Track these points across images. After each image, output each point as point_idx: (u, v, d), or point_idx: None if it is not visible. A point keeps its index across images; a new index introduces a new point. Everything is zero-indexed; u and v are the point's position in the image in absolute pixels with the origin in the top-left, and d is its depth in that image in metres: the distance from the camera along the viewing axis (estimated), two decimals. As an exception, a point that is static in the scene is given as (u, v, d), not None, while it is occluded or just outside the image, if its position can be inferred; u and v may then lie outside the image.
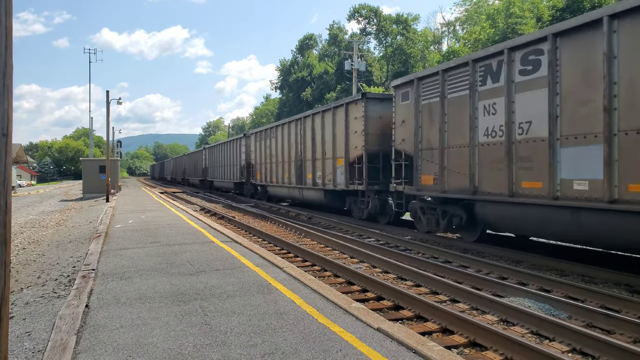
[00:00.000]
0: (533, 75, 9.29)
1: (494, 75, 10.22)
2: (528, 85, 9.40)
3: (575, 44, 8.48)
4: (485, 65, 10.46)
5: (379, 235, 13.38)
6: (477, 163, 10.68)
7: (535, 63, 9.24)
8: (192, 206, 25.00)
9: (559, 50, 8.73)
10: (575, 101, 8.47)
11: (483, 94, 10.53)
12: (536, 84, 9.21)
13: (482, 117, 10.54)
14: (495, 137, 10.20)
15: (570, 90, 8.56)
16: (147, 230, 13.06)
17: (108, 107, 30.66)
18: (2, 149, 3.05)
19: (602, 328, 5.84)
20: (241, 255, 9.15)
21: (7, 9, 3.07)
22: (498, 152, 10.07)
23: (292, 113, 59.32)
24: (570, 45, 8.56)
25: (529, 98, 9.39)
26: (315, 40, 79.77)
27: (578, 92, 8.41)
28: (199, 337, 4.68)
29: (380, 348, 4.38)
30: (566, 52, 8.62)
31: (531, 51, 9.34)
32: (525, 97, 9.47)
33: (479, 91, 10.63)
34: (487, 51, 10.56)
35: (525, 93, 9.46)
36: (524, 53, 9.49)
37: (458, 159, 11.28)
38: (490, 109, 10.35)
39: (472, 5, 56.62)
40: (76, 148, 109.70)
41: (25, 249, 12.04)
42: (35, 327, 5.24)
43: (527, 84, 9.43)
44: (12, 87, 3.11)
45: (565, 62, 8.63)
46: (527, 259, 9.73)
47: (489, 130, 10.36)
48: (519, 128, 9.62)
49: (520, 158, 9.54)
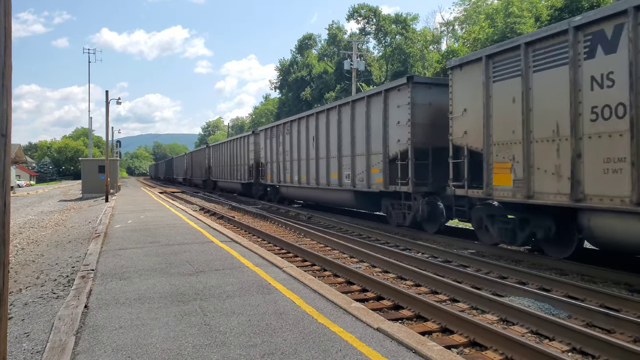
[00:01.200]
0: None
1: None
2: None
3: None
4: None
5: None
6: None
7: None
8: (192, 206, 24.99)
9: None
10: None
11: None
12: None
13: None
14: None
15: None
16: (146, 230, 13.05)
17: (107, 107, 30.65)
18: (1, 149, 3.03)
19: (602, 327, 5.83)
20: (241, 255, 9.14)
21: (6, 9, 3.06)
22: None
23: (292, 113, 59.28)
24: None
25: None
26: (314, 40, 79.71)
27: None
28: (199, 338, 4.67)
29: (380, 348, 4.37)
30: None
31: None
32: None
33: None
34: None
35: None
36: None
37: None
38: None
39: (471, 4, 56.59)
40: (75, 148, 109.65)
41: (24, 249, 12.02)
42: (34, 327, 5.23)
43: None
44: (11, 87, 3.10)
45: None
46: (527, 258, 9.73)
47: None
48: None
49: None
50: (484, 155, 10.54)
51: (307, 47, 79.04)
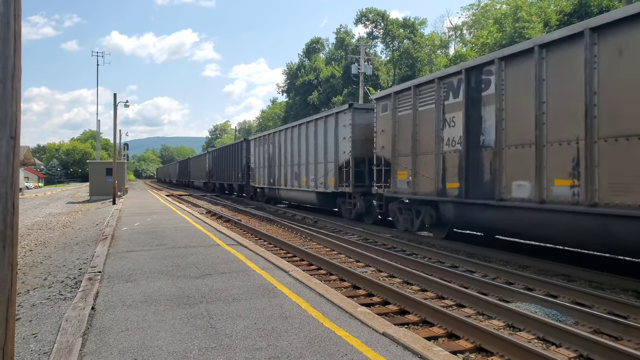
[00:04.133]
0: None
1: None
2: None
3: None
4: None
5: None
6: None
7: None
8: (198, 209, 25.06)
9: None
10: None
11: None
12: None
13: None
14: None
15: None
16: (153, 233, 13.10)
17: (115, 110, 30.84)
18: (11, 151, 3.06)
19: (610, 334, 5.78)
20: (247, 258, 9.16)
21: (16, 13, 3.09)
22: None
23: (299, 116, 59.42)
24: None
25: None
26: (322, 44, 79.90)
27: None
28: (205, 340, 4.68)
29: (386, 353, 4.36)
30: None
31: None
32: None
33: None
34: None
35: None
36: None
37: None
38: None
39: (479, 9, 56.51)
40: (83, 150, 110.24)
41: (32, 251, 12.11)
42: (42, 329, 5.27)
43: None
44: (20, 90, 3.12)
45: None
46: (534, 264, 9.67)
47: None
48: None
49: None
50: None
51: (314, 51, 79.22)
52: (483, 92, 10.80)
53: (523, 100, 9.68)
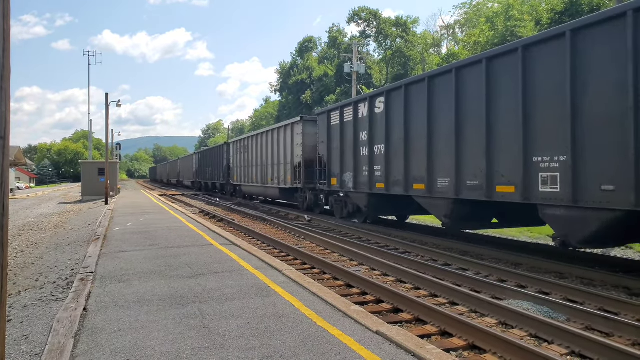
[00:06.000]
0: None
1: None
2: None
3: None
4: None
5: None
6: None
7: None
8: (191, 209, 24.99)
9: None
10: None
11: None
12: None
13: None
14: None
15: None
16: (146, 233, 13.05)
17: (107, 110, 30.67)
18: (0, 151, 3.04)
19: (601, 331, 5.83)
20: (240, 258, 9.14)
21: (5, 12, 3.07)
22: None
23: (292, 115, 59.37)
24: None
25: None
26: (314, 43, 79.82)
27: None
28: (198, 341, 4.67)
29: (379, 351, 4.37)
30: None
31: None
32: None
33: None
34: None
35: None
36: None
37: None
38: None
39: (471, 8, 56.66)
40: (75, 150, 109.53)
41: (24, 252, 12.02)
42: (33, 330, 5.23)
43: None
44: (9, 89, 3.10)
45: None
46: (526, 261, 9.73)
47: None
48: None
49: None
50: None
51: (307, 50, 79.12)
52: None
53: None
